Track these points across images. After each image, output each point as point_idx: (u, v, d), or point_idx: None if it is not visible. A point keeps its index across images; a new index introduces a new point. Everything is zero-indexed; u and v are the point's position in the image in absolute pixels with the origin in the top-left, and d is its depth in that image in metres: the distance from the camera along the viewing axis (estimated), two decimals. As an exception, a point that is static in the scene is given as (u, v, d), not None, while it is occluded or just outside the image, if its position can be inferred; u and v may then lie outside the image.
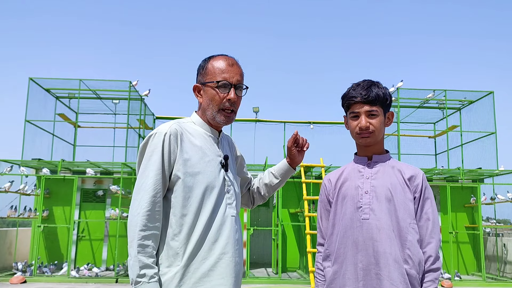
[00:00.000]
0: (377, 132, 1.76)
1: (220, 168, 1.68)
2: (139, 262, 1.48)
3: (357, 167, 1.83)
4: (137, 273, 1.48)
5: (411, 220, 1.71)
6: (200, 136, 1.69)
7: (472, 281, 9.92)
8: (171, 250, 1.55)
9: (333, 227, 1.81)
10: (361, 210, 1.73)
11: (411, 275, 1.67)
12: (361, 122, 1.75)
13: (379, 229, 1.69)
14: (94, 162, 10.44)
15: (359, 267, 1.69)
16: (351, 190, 1.78)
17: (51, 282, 9.02)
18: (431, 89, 11.65)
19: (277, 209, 10.32)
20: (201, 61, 1.77)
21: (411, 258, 1.68)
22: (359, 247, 1.70)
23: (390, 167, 1.80)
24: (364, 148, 1.83)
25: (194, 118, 1.76)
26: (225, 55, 1.74)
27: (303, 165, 9.94)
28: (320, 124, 13.10)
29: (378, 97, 1.75)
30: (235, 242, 1.65)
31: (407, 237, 1.68)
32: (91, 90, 11.52)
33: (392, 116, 1.85)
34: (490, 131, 11.44)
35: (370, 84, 1.78)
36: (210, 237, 1.59)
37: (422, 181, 1.76)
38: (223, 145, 1.80)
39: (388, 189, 1.73)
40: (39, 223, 9.64)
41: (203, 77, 1.71)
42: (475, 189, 10.71)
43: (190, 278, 1.54)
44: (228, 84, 1.68)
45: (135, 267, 1.49)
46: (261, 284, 9.19)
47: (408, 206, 1.72)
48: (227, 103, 1.69)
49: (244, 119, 12.92)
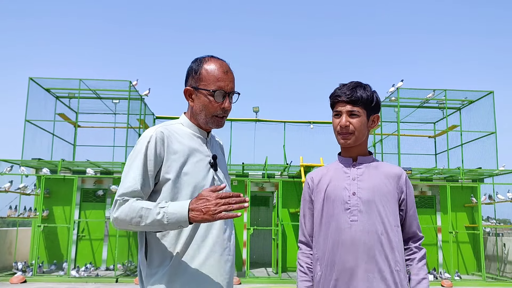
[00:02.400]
0: (357, 133, 1.78)
1: (209, 168, 1.69)
2: (144, 212, 1.50)
3: (341, 167, 1.85)
4: (153, 217, 1.49)
5: (396, 222, 1.76)
6: (188, 137, 1.70)
7: (472, 281, 9.91)
8: (159, 250, 1.56)
9: (320, 229, 1.81)
10: (349, 211, 1.74)
11: (400, 277, 1.70)
12: (342, 120, 1.78)
13: (368, 230, 1.71)
14: (94, 162, 10.44)
15: (347, 268, 1.69)
16: (338, 191, 1.78)
17: (51, 282, 9.02)
18: (431, 89, 11.65)
19: (277, 208, 10.32)
20: (192, 62, 1.74)
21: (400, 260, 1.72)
22: (348, 249, 1.70)
23: (374, 168, 1.82)
24: (348, 149, 1.85)
25: (182, 120, 1.76)
26: (217, 59, 1.72)
27: (303, 165, 9.95)
28: (320, 124, 13.10)
29: (361, 98, 1.77)
30: (224, 241, 1.65)
31: (395, 238, 1.72)
32: (91, 90, 11.52)
33: (378, 119, 1.86)
34: (490, 131, 11.44)
35: (356, 85, 1.80)
36: (198, 237, 1.59)
37: (406, 181, 1.82)
38: (212, 145, 1.80)
39: (374, 190, 1.75)
40: (39, 223, 9.64)
41: (196, 82, 1.69)
42: (475, 189, 10.70)
43: (179, 277, 1.54)
44: (223, 93, 1.68)
45: (149, 218, 1.49)
46: (261, 284, 9.19)
47: (394, 207, 1.76)
48: (221, 111, 1.69)
49: (244, 119, 12.92)
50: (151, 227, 1.50)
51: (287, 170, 11.42)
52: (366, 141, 1.86)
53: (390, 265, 1.69)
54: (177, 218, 1.47)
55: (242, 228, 10.47)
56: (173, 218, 1.47)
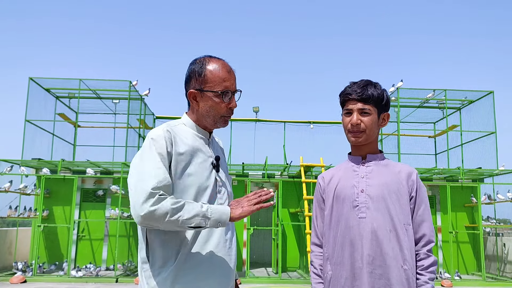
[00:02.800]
0: (368, 131, 1.78)
1: (212, 169, 1.69)
2: (188, 214, 1.50)
3: (351, 166, 1.84)
4: (198, 209, 1.51)
5: (406, 220, 1.72)
6: (191, 138, 1.70)
7: (472, 281, 9.91)
8: (164, 250, 1.56)
9: (330, 227, 1.81)
10: (357, 209, 1.73)
11: (408, 275, 1.68)
12: (353, 118, 1.78)
13: (376, 228, 1.69)
14: (94, 162, 10.44)
15: (356, 266, 1.69)
16: (347, 189, 1.78)
17: (51, 282, 9.02)
18: (431, 89, 11.65)
19: (277, 208, 10.31)
20: (191, 64, 1.73)
21: (409, 258, 1.69)
22: (355, 246, 1.70)
23: (384, 166, 1.81)
24: (358, 147, 1.84)
25: (185, 120, 1.75)
26: (217, 59, 1.72)
27: (303, 165, 9.94)
28: (320, 124, 13.09)
29: (372, 96, 1.77)
30: (227, 241, 1.66)
31: (404, 237, 1.70)
32: (91, 90, 11.52)
33: (388, 117, 1.85)
34: (490, 131, 11.44)
35: (366, 83, 1.80)
36: (202, 238, 1.60)
37: (417, 180, 1.78)
38: (214, 146, 1.81)
39: (383, 188, 1.74)
40: (39, 223, 9.64)
41: (201, 84, 1.69)
42: (475, 189, 10.70)
43: (182, 278, 1.54)
44: (230, 93, 1.69)
45: (192, 220, 1.50)
46: (261, 284, 9.19)
47: (403, 206, 1.73)
48: (229, 111, 1.71)
49: (244, 119, 12.92)
50: (187, 221, 1.49)
51: (287, 170, 11.42)
52: (376, 140, 1.85)
53: (397, 264, 1.66)
54: (220, 213, 1.54)
55: (242, 228, 10.47)
56: (216, 212, 1.54)
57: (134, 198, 1.50)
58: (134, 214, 1.49)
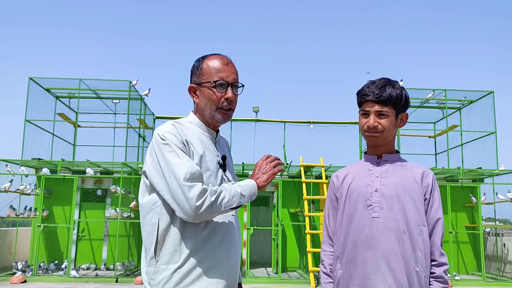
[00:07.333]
0: (385, 133, 1.74)
1: (218, 168, 1.69)
2: (229, 197, 1.56)
3: (366, 165, 1.81)
4: (235, 190, 1.58)
5: (421, 221, 1.69)
6: (199, 135, 1.69)
7: (472, 281, 9.91)
8: (170, 247, 1.55)
9: (342, 226, 1.78)
10: (371, 208, 1.70)
11: (420, 277, 1.64)
12: (370, 121, 1.73)
13: (389, 227, 1.66)
14: (94, 162, 10.44)
15: (368, 265, 1.66)
16: (361, 188, 1.75)
17: (51, 282, 9.02)
18: (431, 89, 11.65)
19: (277, 208, 10.31)
20: (195, 61, 1.76)
21: (421, 260, 1.65)
22: (368, 245, 1.67)
23: (400, 166, 1.78)
24: (374, 147, 1.81)
25: (191, 118, 1.75)
26: (219, 54, 1.74)
27: (303, 165, 9.95)
28: (320, 124, 13.09)
29: (390, 98, 1.72)
30: (234, 241, 1.66)
31: (418, 238, 1.66)
32: (91, 89, 11.51)
33: (406, 117, 1.82)
34: (490, 130, 11.43)
35: (385, 84, 1.74)
36: (211, 237, 1.59)
37: (432, 182, 1.74)
38: (221, 145, 1.80)
39: (398, 187, 1.71)
40: (39, 223, 9.64)
41: (199, 77, 1.70)
42: (475, 189, 10.70)
43: (188, 276, 1.54)
44: (225, 83, 1.68)
45: (233, 201, 1.56)
46: (261, 284, 9.19)
47: (418, 206, 1.69)
48: (225, 102, 1.69)
49: (244, 119, 12.91)
50: (229, 203, 1.55)
51: (287, 170, 11.42)
52: (393, 140, 1.82)
53: (409, 265, 1.63)
54: (249, 187, 1.61)
55: (242, 228, 10.47)
56: (247, 188, 1.61)
57: (178, 198, 1.48)
58: (184, 213, 1.48)
